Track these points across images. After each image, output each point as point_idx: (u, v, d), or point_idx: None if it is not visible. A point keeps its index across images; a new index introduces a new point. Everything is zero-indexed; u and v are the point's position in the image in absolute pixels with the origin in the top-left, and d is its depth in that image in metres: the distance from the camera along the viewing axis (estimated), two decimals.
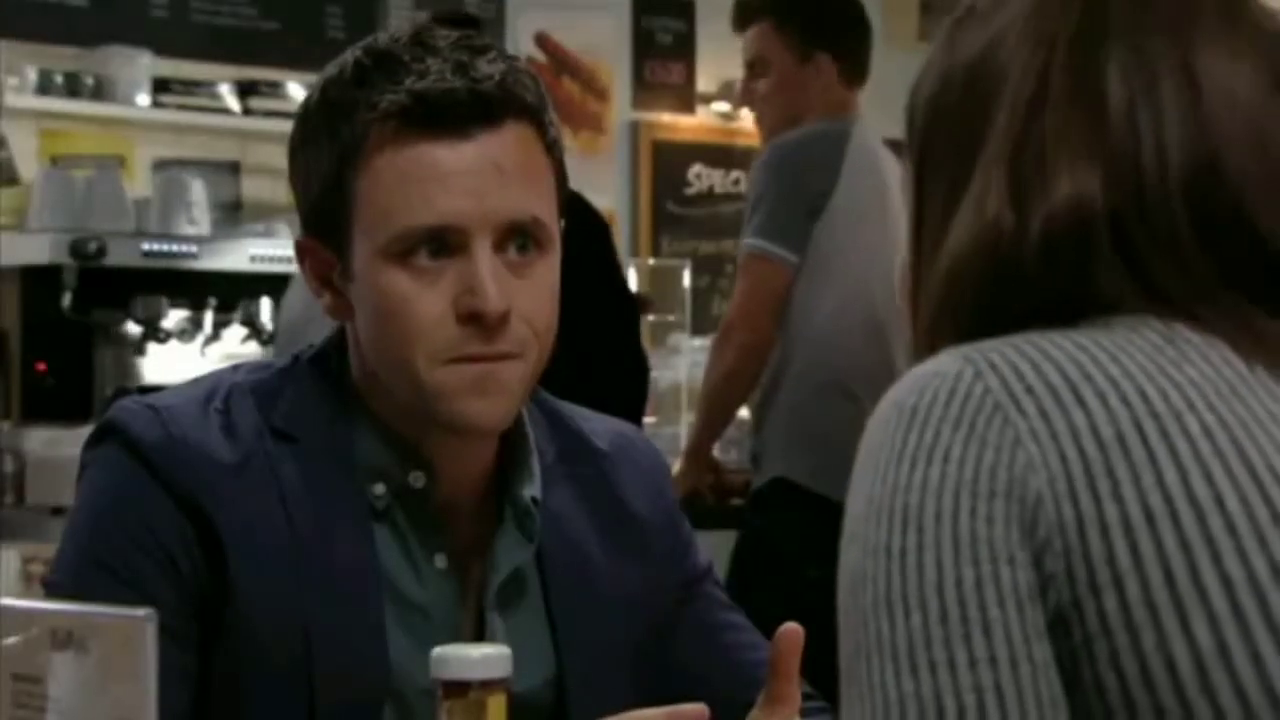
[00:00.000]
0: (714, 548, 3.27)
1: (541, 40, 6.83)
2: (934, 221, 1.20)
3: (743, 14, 4.06)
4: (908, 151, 1.25)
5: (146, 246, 5.25)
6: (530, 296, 1.59)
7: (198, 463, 1.57)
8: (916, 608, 1.06)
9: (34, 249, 5.08)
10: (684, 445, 4.39)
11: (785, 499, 3.73)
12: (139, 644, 1.07)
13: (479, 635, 1.64)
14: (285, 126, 1.72)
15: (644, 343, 4.10)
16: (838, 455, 1.90)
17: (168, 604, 1.50)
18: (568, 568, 1.68)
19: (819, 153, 3.83)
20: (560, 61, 6.87)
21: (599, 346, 3.54)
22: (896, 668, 1.06)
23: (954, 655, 1.05)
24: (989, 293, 1.15)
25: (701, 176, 7.33)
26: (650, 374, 4.02)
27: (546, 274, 1.62)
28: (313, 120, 1.63)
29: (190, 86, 5.79)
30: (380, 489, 1.62)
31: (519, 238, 1.59)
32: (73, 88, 5.56)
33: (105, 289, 5.08)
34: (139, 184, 5.62)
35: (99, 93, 5.61)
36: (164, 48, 5.79)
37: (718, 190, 7.36)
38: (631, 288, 4.87)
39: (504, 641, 1.54)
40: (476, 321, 1.57)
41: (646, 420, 4.13)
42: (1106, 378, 1.09)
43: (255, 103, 5.85)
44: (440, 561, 1.63)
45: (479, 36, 1.63)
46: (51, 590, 1.58)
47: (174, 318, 5.24)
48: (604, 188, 6.35)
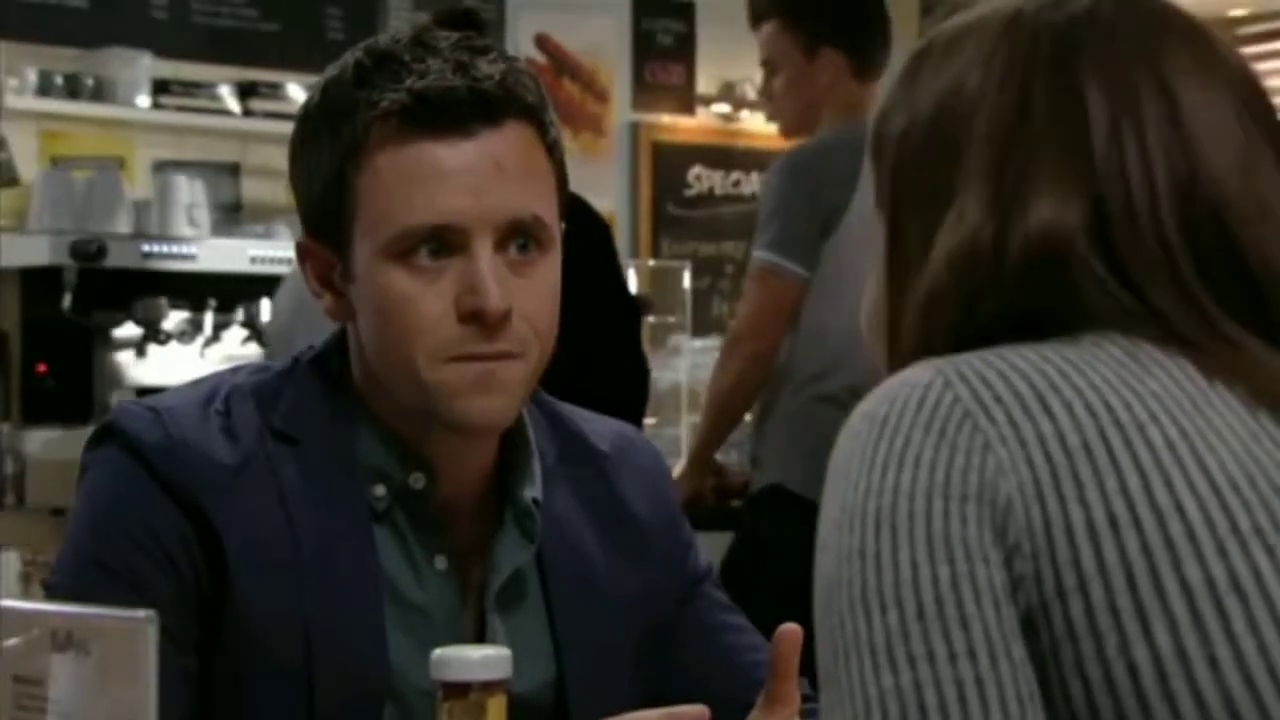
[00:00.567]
0: (714, 549, 3.27)
1: (542, 41, 6.83)
2: (911, 252, 1.20)
3: (753, 13, 4.05)
4: (876, 187, 1.24)
5: (146, 248, 5.25)
6: (531, 296, 1.59)
7: (198, 464, 1.57)
8: (893, 605, 1.06)
9: (34, 250, 5.09)
10: (684, 446, 4.39)
11: (780, 505, 3.73)
12: (140, 646, 1.07)
13: (479, 636, 1.64)
14: (285, 128, 1.72)
15: (644, 344, 4.10)
16: None
17: (168, 605, 1.50)
18: (568, 569, 1.68)
19: (836, 165, 3.76)
20: (560, 62, 6.88)
21: (599, 348, 3.54)
22: (875, 663, 1.06)
23: (933, 649, 1.05)
24: (969, 311, 1.16)
25: (701, 178, 7.33)
26: (650, 376, 4.02)
27: (548, 274, 1.62)
28: (314, 121, 1.63)
29: (190, 88, 5.80)
30: (380, 490, 1.62)
31: (520, 237, 1.59)
32: (73, 89, 5.57)
33: (105, 290, 5.08)
34: (139, 185, 5.63)
35: (99, 94, 5.62)
36: (164, 49, 5.80)
37: (718, 192, 7.37)
38: (631, 289, 4.87)
39: (504, 642, 1.55)
40: (478, 320, 1.57)
41: (646, 422, 4.13)
42: (1073, 388, 1.10)
43: (255, 104, 5.86)
44: (440, 563, 1.63)
45: (479, 38, 1.63)
46: (52, 591, 1.58)
47: (174, 319, 5.24)
48: (604, 189, 6.35)
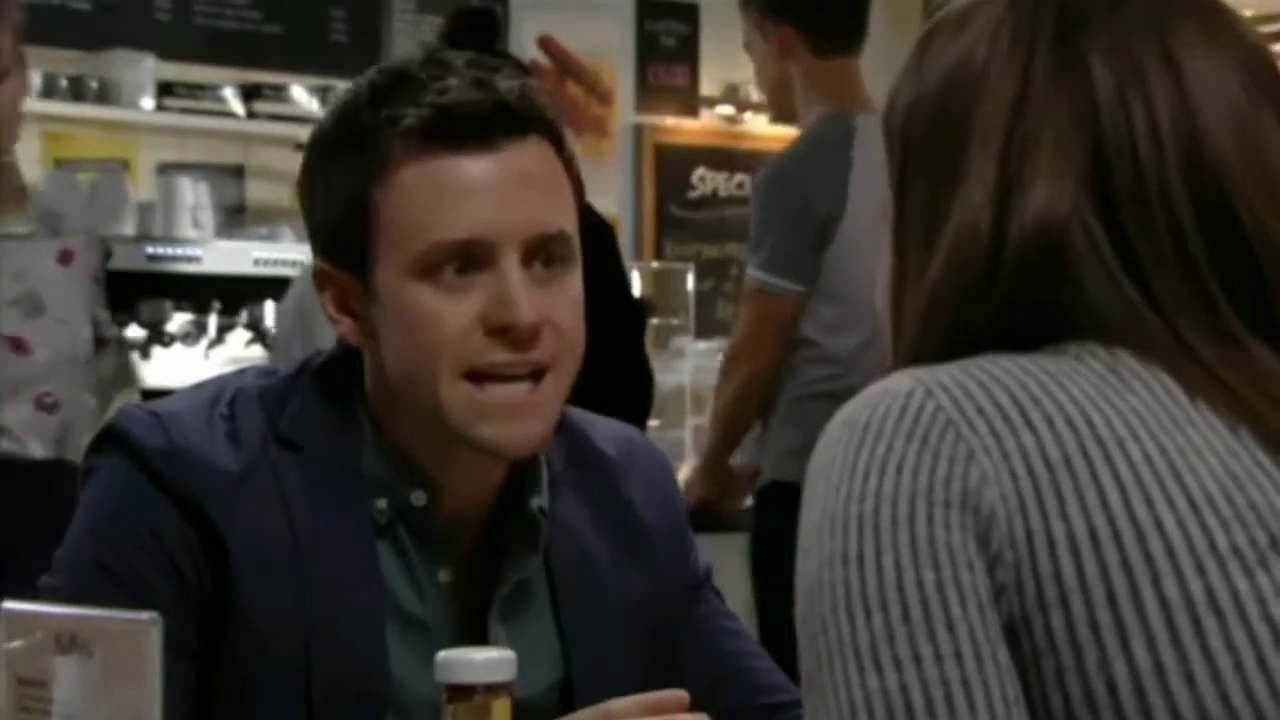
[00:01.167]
0: (725, 550, 3.27)
1: (545, 43, 6.83)
2: (918, 230, 1.20)
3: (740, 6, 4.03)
4: (889, 161, 1.24)
5: (150, 250, 5.26)
6: (560, 309, 1.59)
7: (200, 469, 1.57)
8: (878, 609, 1.05)
9: None
10: (688, 449, 4.38)
11: (785, 500, 3.73)
12: (143, 648, 1.07)
13: (482, 645, 1.63)
14: (289, 130, 1.72)
15: (648, 346, 4.09)
16: None
17: (170, 609, 1.49)
18: (575, 573, 1.68)
19: (822, 170, 3.68)
20: (563, 64, 6.87)
21: (603, 351, 3.52)
22: (860, 665, 1.05)
23: (919, 651, 1.04)
24: (966, 319, 1.15)
25: (705, 180, 7.33)
26: (654, 378, 4.01)
27: (572, 288, 1.61)
28: (330, 144, 1.61)
29: (194, 90, 5.80)
30: (382, 503, 1.61)
31: (544, 253, 1.58)
32: (77, 91, 5.57)
33: (109, 292, 5.08)
34: (143, 187, 5.63)
35: (103, 96, 5.62)
36: (168, 51, 5.80)
37: (721, 194, 7.36)
38: (635, 291, 4.86)
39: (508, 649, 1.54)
40: (507, 335, 1.56)
41: (650, 424, 4.12)
42: (1054, 402, 1.09)
43: (259, 106, 5.85)
44: (443, 576, 1.63)
45: (491, 59, 1.63)
46: (51, 594, 1.57)
47: (178, 321, 5.24)
48: (607, 191, 6.35)
